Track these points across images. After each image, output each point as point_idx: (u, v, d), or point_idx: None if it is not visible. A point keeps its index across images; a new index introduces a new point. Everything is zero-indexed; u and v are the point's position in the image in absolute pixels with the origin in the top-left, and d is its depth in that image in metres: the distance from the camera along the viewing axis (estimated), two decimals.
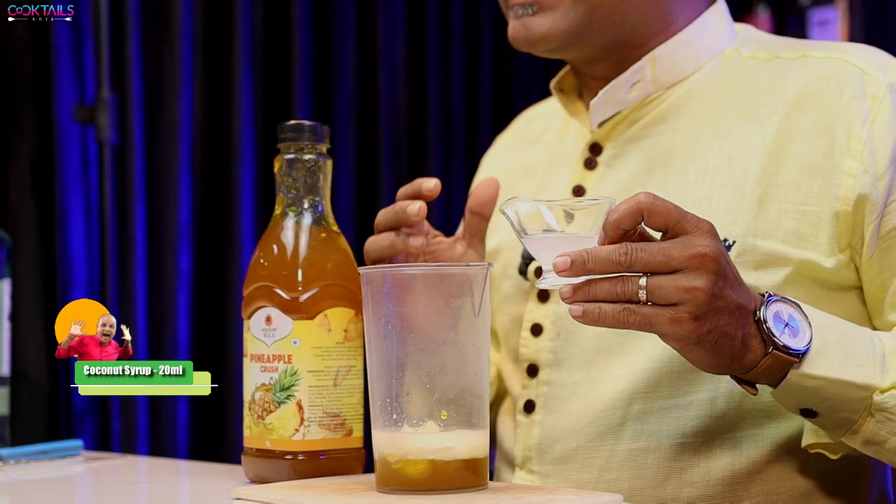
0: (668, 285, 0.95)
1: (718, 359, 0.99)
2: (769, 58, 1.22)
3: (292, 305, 1.12)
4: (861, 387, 1.02)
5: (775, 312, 1.00)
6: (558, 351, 1.24)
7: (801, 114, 1.16)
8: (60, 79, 1.92)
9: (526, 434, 1.25)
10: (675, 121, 1.23)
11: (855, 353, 1.03)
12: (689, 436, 1.16)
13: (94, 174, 1.96)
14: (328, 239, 1.16)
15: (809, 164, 1.15)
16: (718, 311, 0.96)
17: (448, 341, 0.99)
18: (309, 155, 1.17)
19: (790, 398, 1.03)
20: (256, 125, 2.18)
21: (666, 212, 0.96)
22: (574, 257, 0.95)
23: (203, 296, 2.10)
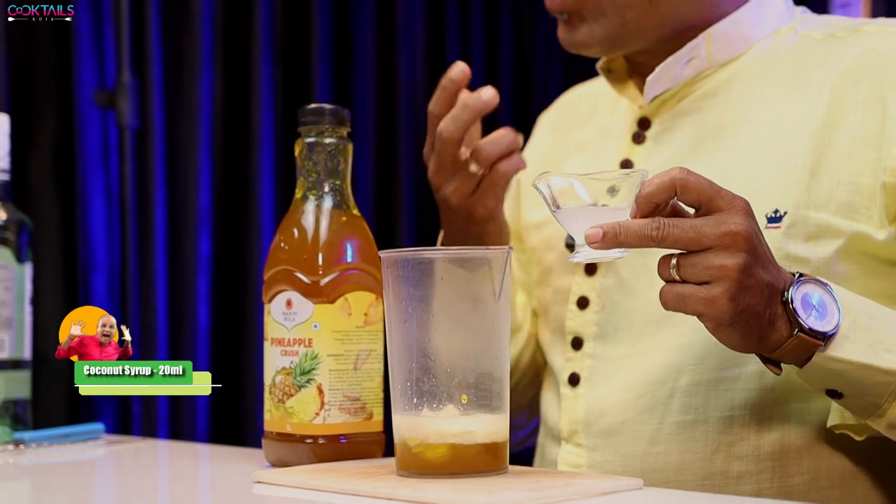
0: (699, 263, 0.95)
1: (746, 339, 0.99)
2: (823, 36, 1.22)
3: (313, 289, 1.12)
4: (888, 372, 1.01)
5: (804, 294, 1.00)
6: (604, 324, 1.24)
7: (854, 86, 1.16)
8: (81, 63, 1.93)
9: (571, 407, 1.25)
10: (724, 95, 1.23)
11: (884, 339, 1.02)
12: (738, 409, 1.16)
13: (115, 158, 1.96)
14: (349, 222, 1.16)
15: (862, 135, 1.14)
16: (749, 289, 0.96)
17: (468, 325, 0.99)
18: (329, 138, 1.17)
19: (816, 379, 1.03)
20: (276, 109, 2.18)
21: (699, 188, 0.96)
22: (606, 229, 0.95)
23: (223, 280, 2.10)
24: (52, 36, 1.91)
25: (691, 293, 0.96)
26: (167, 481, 1.23)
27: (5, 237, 1.45)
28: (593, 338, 1.25)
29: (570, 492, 0.94)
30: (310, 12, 2.27)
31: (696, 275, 0.95)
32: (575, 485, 0.95)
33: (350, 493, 0.95)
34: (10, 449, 1.36)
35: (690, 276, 0.96)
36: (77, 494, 1.10)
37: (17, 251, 1.46)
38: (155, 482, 1.22)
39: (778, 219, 1.14)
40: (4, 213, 1.46)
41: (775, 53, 1.23)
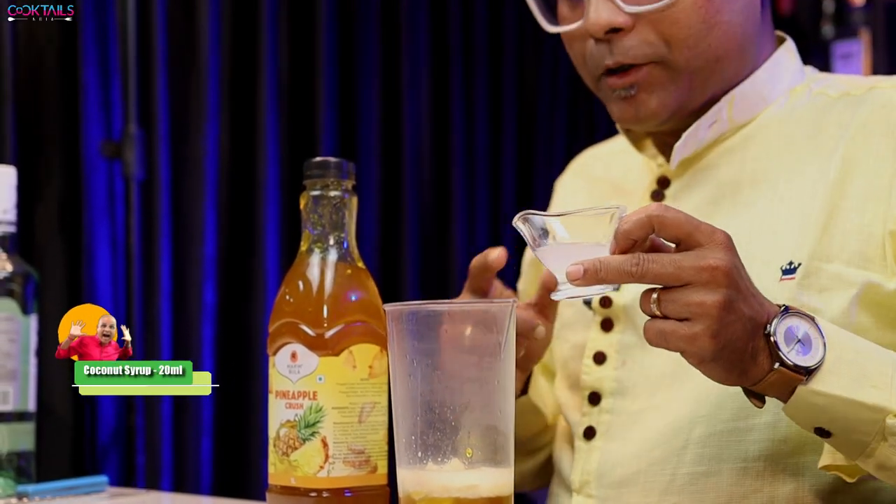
0: (679, 299, 0.95)
1: (729, 373, 0.98)
2: (839, 95, 1.24)
3: (318, 342, 1.12)
4: (872, 408, 1.00)
5: (788, 327, 0.99)
6: (623, 380, 1.24)
7: (866, 140, 1.17)
8: (88, 114, 1.94)
9: (585, 459, 1.25)
10: (742, 152, 1.24)
11: (870, 374, 1.01)
12: (751, 460, 1.15)
13: (121, 209, 1.97)
14: (353, 275, 1.17)
15: (874, 187, 1.15)
16: (730, 325, 0.96)
17: (473, 378, 0.99)
18: (334, 192, 1.17)
19: (801, 415, 1.02)
20: (281, 161, 2.19)
21: (677, 223, 0.96)
22: (587, 266, 0.96)
23: (228, 331, 2.10)
24: (59, 87, 1.92)
25: (673, 330, 0.96)
26: None
27: (11, 289, 1.45)
28: (612, 393, 1.25)
29: None
30: (315, 65, 2.29)
31: (676, 311, 0.95)
32: None
33: None
34: (13, 502, 1.36)
35: (671, 312, 0.96)
36: None
37: (23, 303, 1.46)
38: None
39: (792, 270, 1.14)
40: (10, 265, 1.46)
41: (792, 112, 1.25)
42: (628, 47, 1.21)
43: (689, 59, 1.21)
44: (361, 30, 2.39)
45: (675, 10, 1.19)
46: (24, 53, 1.86)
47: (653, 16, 1.19)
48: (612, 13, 1.20)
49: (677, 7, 1.19)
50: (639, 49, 1.21)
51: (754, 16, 1.25)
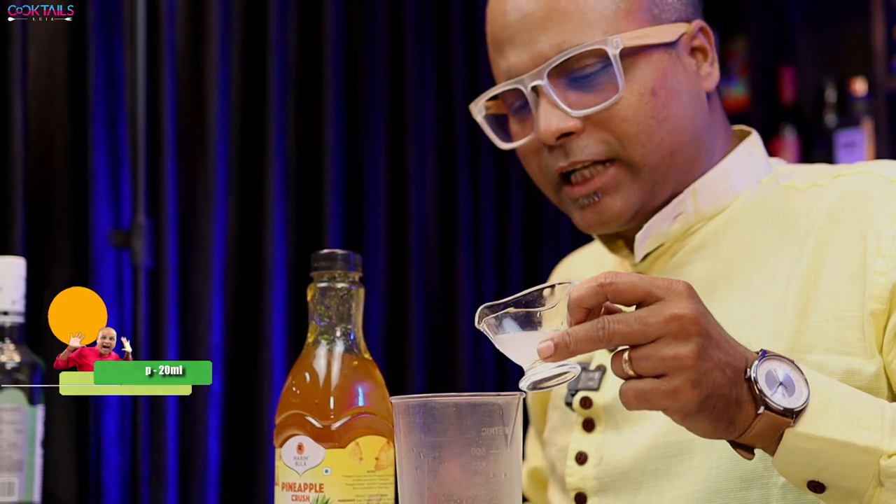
0: (652, 355, 0.94)
1: (717, 423, 0.97)
2: (806, 186, 1.25)
3: (324, 434, 1.12)
4: (865, 450, 0.98)
5: (769, 370, 0.98)
6: (602, 477, 1.23)
7: (836, 227, 1.18)
8: (97, 204, 1.96)
9: None
10: (714, 247, 1.24)
11: (860, 417, 0.99)
12: None
13: (128, 297, 1.98)
14: (360, 367, 1.17)
15: (847, 272, 1.15)
16: (709, 373, 0.94)
17: (480, 471, 0.98)
18: (342, 283, 1.18)
19: (792, 465, 0.99)
20: (288, 250, 2.21)
21: (631, 286, 0.95)
22: (556, 340, 0.95)
23: (234, 419, 2.10)
24: (69, 177, 1.94)
25: (652, 388, 0.94)
26: None
27: (18, 379, 1.45)
28: (594, 492, 1.24)
29: None
30: (322, 154, 2.31)
31: (650, 368, 0.94)
32: None
33: None
34: None
35: (645, 370, 0.94)
36: None
37: (30, 394, 1.46)
38: None
39: None
40: (18, 355, 1.46)
41: (761, 203, 1.26)
42: (582, 147, 1.23)
43: (645, 155, 1.22)
44: (369, 119, 2.42)
45: (620, 107, 1.21)
46: (34, 141, 1.89)
47: (600, 116, 1.21)
48: (560, 119, 1.22)
49: (623, 105, 1.21)
50: (593, 147, 1.23)
51: (702, 109, 1.26)
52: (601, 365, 1.27)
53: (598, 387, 1.25)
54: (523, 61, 1.23)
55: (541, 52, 1.22)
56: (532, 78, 1.22)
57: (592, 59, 1.21)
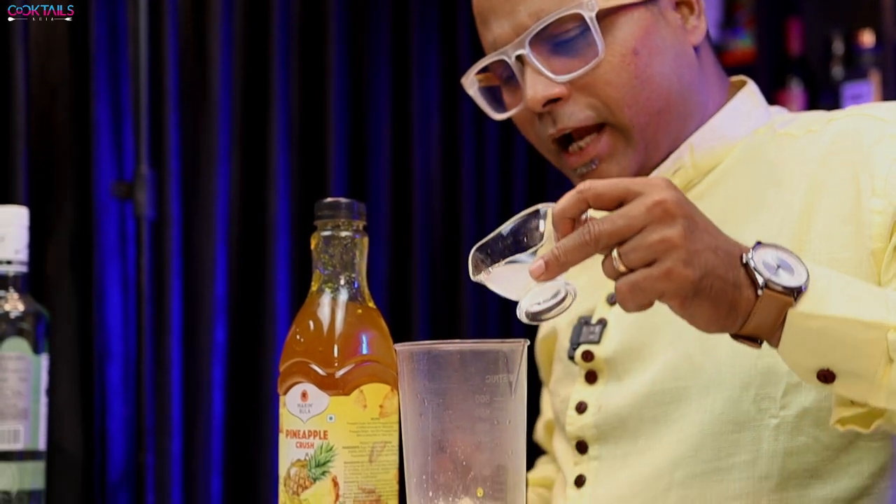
0: (639, 245, 0.93)
1: (718, 308, 0.96)
2: (802, 133, 1.24)
3: (328, 381, 1.12)
4: (871, 325, 0.96)
5: (764, 255, 0.97)
6: (601, 425, 1.25)
7: (828, 170, 1.18)
8: (100, 155, 1.95)
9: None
10: (710, 198, 1.25)
11: (863, 297, 0.98)
12: (734, 498, 1.15)
13: (132, 249, 1.98)
14: (364, 315, 1.17)
15: (840, 214, 1.15)
16: (700, 253, 0.94)
17: (484, 418, 0.99)
18: (345, 232, 1.18)
19: (798, 351, 0.98)
20: (292, 201, 2.20)
21: (610, 186, 0.95)
22: (546, 258, 0.96)
23: (238, 370, 2.10)
24: (71, 128, 1.94)
25: (644, 276, 0.94)
26: None
27: (22, 328, 1.46)
28: (594, 440, 1.25)
29: None
30: (326, 105, 2.30)
31: (641, 257, 0.94)
32: None
33: None
34: None
35: (636, 261, 0.94)
36: None
37: (34, 342, 1.46)
38: None
39: None
40: (22, 304, 1.47)
41: (757, 153, 1.26)
42: (569, 113, 1.23)
43: (632, 117, 1.22)
44: (372, 69, 2.41)
45: (603, 70, 1.21)
46: (36, 94, 1.88)
47: (584, 80, 1.22)
48: (546, 87, 1.22)
49: (605, 67, 1.21)
50: (580, 113, 1.23)
51: (689, 64, 1.26)
52: (602, 318, 1.27)
53: (600, 340, 1.26)
54: (506, 32, 1.24)
55: (521, 21, 1.23)
56: (515, 48, 1.23)
57: (572, 24, 1.21)
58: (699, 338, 1.19)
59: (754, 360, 1.15)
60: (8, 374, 1.44)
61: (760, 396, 1.14)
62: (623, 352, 1.24)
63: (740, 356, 1.16)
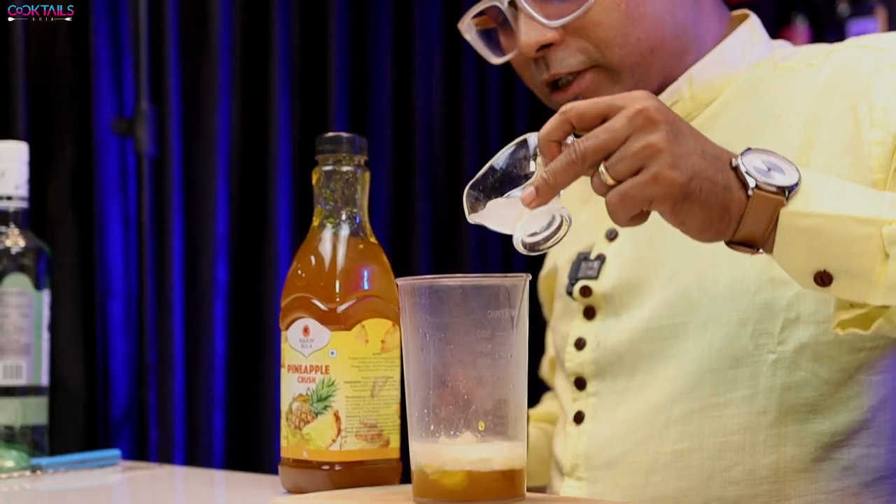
0: (624, 155, 0.94)
1: (708, 212, 0.96)
2: (803, 66, 1.23)
3: (330, 316, 1.12)
4: (864, 221, 0.95)
5: (754, 159, 0.97)
6: (599, 361, 1.25)
7: (827, 102, 1.17)
8: (99, 91, 1.94)
9: (574, 444, 1.26)
10: (708, 131, 1.24)
11: (855, 195, 0.98)
12: (731, 434, 1.16)
13: (133, 186, 1.97)
14: (366, 250, 1.17)
15: (839, 145, 1.14)
16: (686, 156, 0.94)
17: (486, 353, 0.99)
18: (347, 167, 1.17)
19: (793, 253, 0.97)
20: (293, 137, 2.19)
21: (592, 104, 0.96)
22: (536, 184, 0.96)
23: (240, 307, 2.10)
24: (71, 64, 1.92)
25: (632, 184, 0.94)
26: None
27: (23, 264, 1.45)
28: (593, 376, 1.26)
29: None
30: (327, 41, 2.28)
31: (627, 166, 0.94)
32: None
33: None
34: (27, 475, 1.37)
35: (623, 171, 0.94)
36: None
37: (35, 278, 1.46)
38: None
39: None
40: (23, 240, 1.46)
41: (757, 86, 1.25)
42: (561, 59, 1.23)
43: (623, 57, 1.22)
44: (374, 4, 2.39)
45: (595, 13, 1.20)
46: (35, 29, 1.86)
47: (576, 24, 1.21)
48: (538, 32, 1.22)
49: (596, 9, 1.20)
50: (572, 58, 1.23)
51: (683, 0, 1.25)
52: (601, 254, 1.28)
53: (598, 275, 1.27)
54: None
55: None
56: None
57: None
58: (697, 274, 1.19)
59: (752, 297, 1.15)
60: (10, 310, 1.44)
61: (758, 332, 1.15)
62: (621, 287, 1.25)
63: (738, 292, 1.16)
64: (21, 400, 1.44)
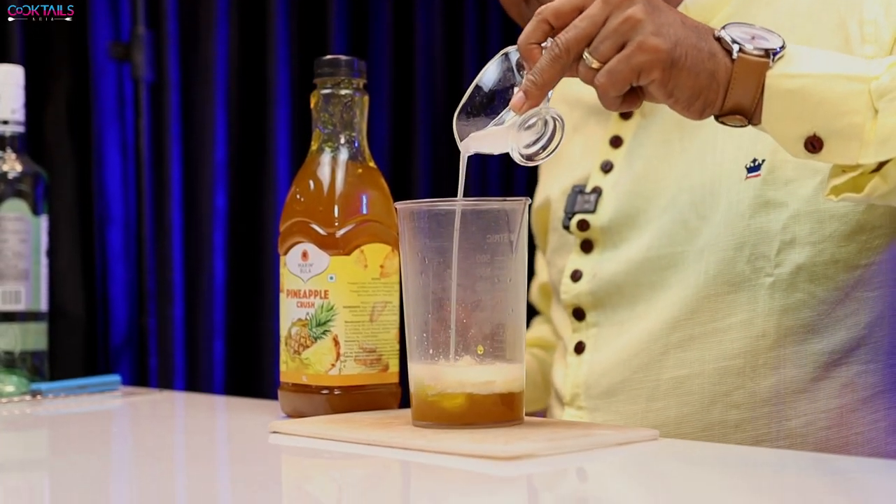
0: (606, 36, 0.94)
1: (697, 79, 0.95)
2: None
3: (329, 241, 1.12)
4: (851, 77, 0.94)
5: (735, 28, 0.97)
6: (596, 292, 1.26)
7: (815, 24, 1.16)
8: (96, 15, 1.92)
9: (575, 373, 1.27)
10: None
11: (839, 57, 0.98)
12: (731, 358, 1.16)
13: (130, 112, 1.96)
14: (364, 175, 1.16)
15: None
16: (668, 25, 0.94)
17: (485, 277, 0.99)
18: (345, 90, 1.16)
19: (782, 117, 0.96)
20: (292, 62, 2.17)
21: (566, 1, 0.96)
22: (524, 89, 0.96)
23: (239, 234, 2.10)
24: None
25: (618, 58, 0.94)
26: (183, 432, 1.23)
27: (21, 189, 1.45)
28: (592, 307, 1.27)
29: (586, 442, 0.94)
30: None
31: (610, 45, 0.94)
32: (591, 435, 0.96)
33: (365, 442, 0.96)
34: (27, 399, 1.37)
35: (607, 51, 0.94)
36: (94, 444, 1.11)
37: (33, 203, 1.46)
38: (171, 433, 1.22)
39: (757, 167, 1.14)
40: (20, 165, 1.46)
41: (748, 9, 1.23)
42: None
43: None
44: None
45: None
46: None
47: None
48: None
49: None
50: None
51: None
52: (597, 187, 1.27)
53: (595, 209, 1.26)
54: None
55: None
56: None
57: None
58: (694, 202, 1.18)
59: (747, 221, 1.15)
60: (8, 236, 1.43)
61: (755, 256, 1.15)
62: (618, 219, 1.24)
63: (735, 217, 1.15)
64: (20, 325, 1.44)
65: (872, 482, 0.85)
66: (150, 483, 0.87)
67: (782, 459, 0.96)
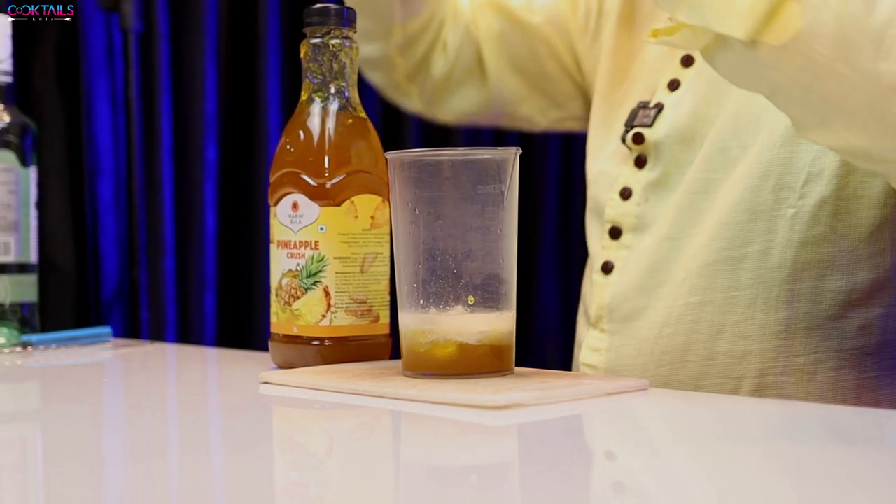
0: None
1: None
2: None
3: (319, 191, 1.11)
4: None
5: None
6: (643, 216, 1.25)
7: None
8: None
9: (601, 294, 1.26)
10: None
11: None
12: (743, 288, 1.15)
13: (120, 63, 1.94)
14: (355, 125, 1.15)
15: None
16: None
17: (475, 227, 0.98)
18: (335, 40, 1.15)
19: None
20: (283, 11, 2.16)
21: None
22: None
23: (230, 186, 2.09)
24: None
25: None
26: (175, 383, 1.23)
27: (9, 140, 1.44)
28: (632, 229, 1.26)
29: (575, 392, 0.94)
30: None
31: None
32: (580, 385, 0.96)
33: (356, 392, 0.96)
34: (17, 351, 1.37)
35: None
36: (85, 396, 1.11)
37: (22, 154, 1.45)
38: (162, 384, 1.22)
39: None
40: (8, 115, 1.45)
41: None
42: None
43: None
44: None
45: None
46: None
47: None
48: None
49: None
50: None
51: None
52: (659, 103, 1.26)
53: (652, 123, 1.25)
54: None
55: None
56: None
57: None
58: (737, 130, 1.17)
59: (777, 150, 1.13)
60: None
61: (780, 186, 1.13)
62: (672, 137, 1.23)
63: (766, 146, 1.14)
64: (10, 277, 1.43)
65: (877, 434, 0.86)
66: (141, 434, 0.87)
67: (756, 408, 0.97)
